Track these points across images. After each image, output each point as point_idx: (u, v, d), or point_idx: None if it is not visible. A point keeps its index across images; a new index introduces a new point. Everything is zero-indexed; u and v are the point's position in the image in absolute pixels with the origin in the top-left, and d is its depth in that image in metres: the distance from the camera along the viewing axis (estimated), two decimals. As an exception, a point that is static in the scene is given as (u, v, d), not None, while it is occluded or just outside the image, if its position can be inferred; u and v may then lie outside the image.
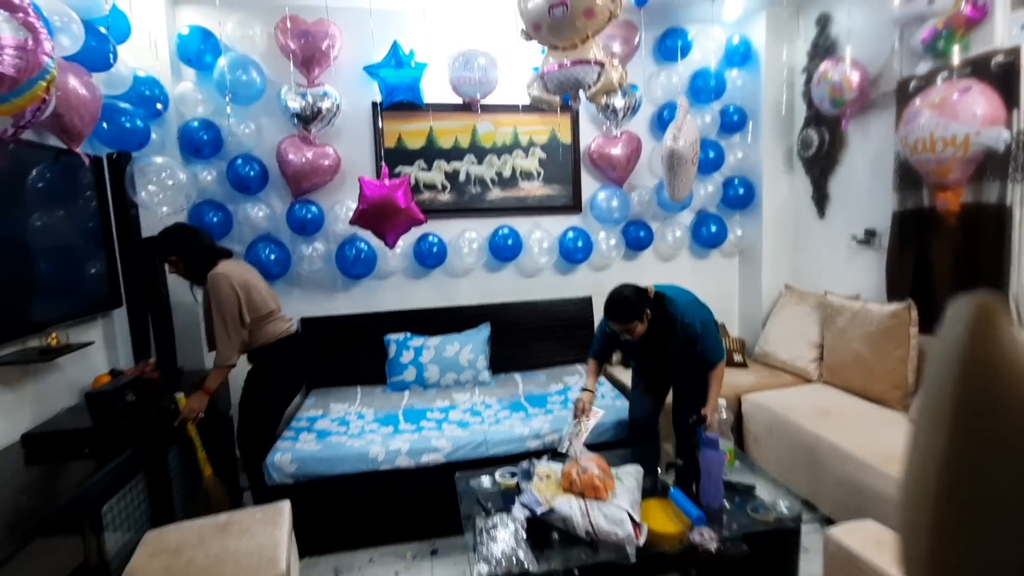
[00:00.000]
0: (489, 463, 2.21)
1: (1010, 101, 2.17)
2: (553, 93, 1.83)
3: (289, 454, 2.27)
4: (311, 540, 2.31)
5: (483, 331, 3.23)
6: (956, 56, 2.30)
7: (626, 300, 2.11)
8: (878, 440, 2.22)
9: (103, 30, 2.21)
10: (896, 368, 2.53)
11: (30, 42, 1.06)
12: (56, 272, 2.10)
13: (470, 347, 3.14)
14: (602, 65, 1.73)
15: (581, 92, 1.81)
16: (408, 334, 3.16)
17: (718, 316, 3.70)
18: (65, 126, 2.03)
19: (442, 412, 2.72)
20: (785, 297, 3.39)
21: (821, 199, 3.25)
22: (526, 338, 3.38)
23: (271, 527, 1.76)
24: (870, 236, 2.93)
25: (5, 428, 1.78)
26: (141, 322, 2.56)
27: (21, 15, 1.05)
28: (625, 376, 2.97)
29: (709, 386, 2.20)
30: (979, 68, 2.26)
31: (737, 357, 3.32)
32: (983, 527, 0.30)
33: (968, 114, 2.17)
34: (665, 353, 2.25)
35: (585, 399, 2.29)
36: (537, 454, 2.17)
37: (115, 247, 2.46)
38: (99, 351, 2.39)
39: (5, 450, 1.75)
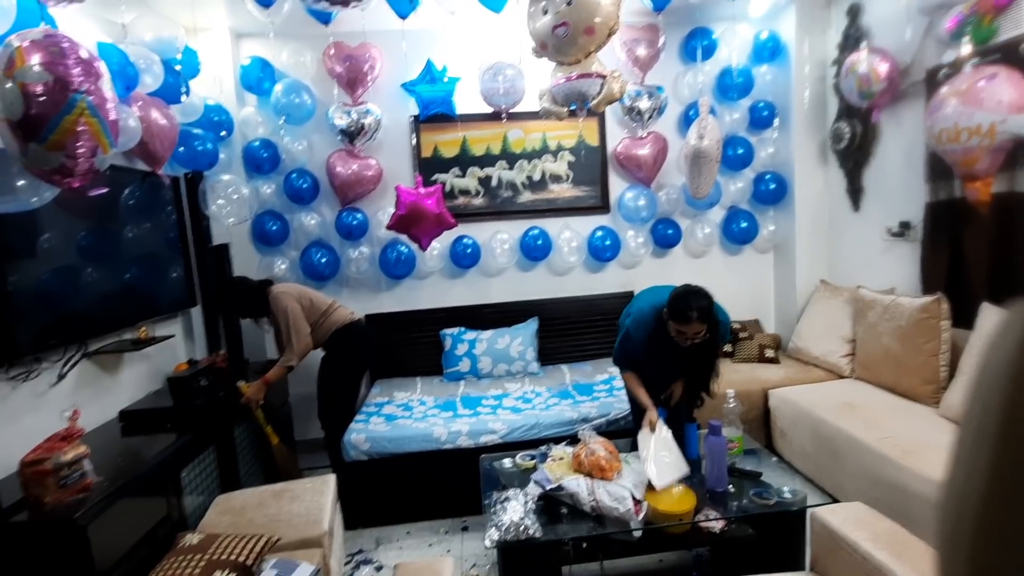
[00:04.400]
0: (540, 445, 2.34)
1: (1043, 86, 2.11)
2: (560, 104, 1.99)
3: (363, 434, 2.58)
4: (360, 515, 2.58)
5: (531, 325, 3.44)
6: (969, 44, 2.26)
7: (707, 297, 1.91)
8: (899, 434, 2.22)
9: (178, 68, 2.57)
10: (927, 362, 2.49)
11: (51, 84, 1.28)
12: (144, 275, 2.47)
13: (520, 340, 3.36)
14: (604, 77, 1.87)
15: (586, 102, 1.95)
16: (462, 328, 3.40)
17: (754, 312, 3.74)
18: (149, 152, 2.40)
19: (496, 399, 2.96)
20: (820, 292, 3.36)
21: (855, 192, 3.20)
22: (571, 331, 3.56)
23: (318, 495, 2.02)
24: (904, 228, 2.87)
25: (107, 406, 2.16)
26: (213, 319, 2.94)
27: (46, 62, 1.28)
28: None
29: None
30: (1008, 53, 2.20)
31: (769, 353, 3.33)
32: None
33: (993, 102, 2.13)
34: (695, 355, 2.05)
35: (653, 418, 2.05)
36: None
37: (191, 254, 2.83)
38: (179, 343, 2.78)
39: (108, 423, 2.13)
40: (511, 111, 3.27)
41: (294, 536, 1.76)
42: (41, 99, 1.28)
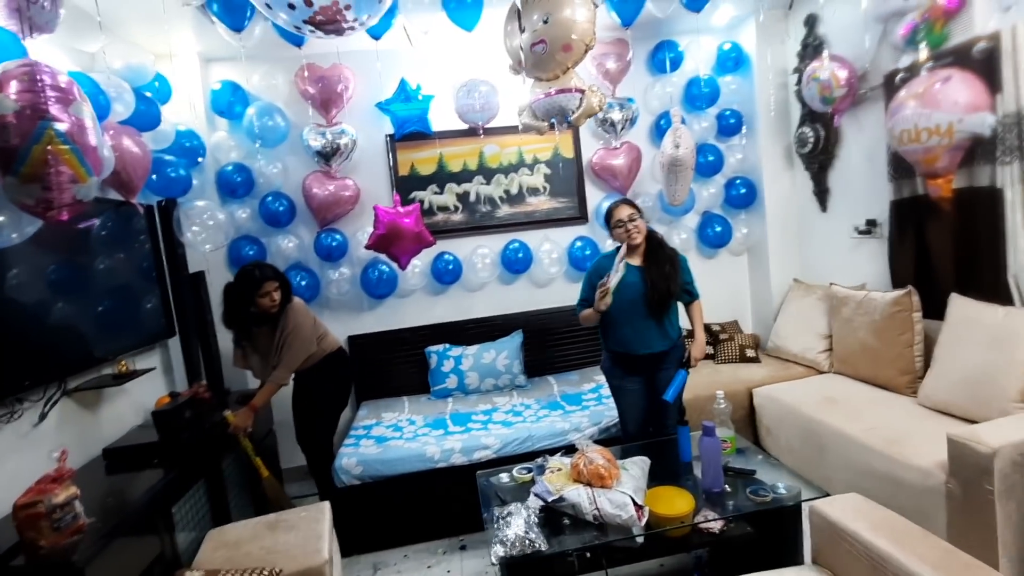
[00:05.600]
0: (534, 457, 2.32)
1: (993, 85, 2.23)
2: (541, 119, 2.02)
3: (355, 458, 2.53)
4: (355, 542, 2.52)
5: (516, 338, 3.44)
6: (926, 49, 2.40)
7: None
8: (882, 424, 2.30)
9: (149, 95, 2.52)
10: (902, 354, 2.59)
11: (27, 111, 1.24)
12: (121, 308, 2.40)
13: (505, 354, 3.36)
14: (583, 92, 1.91)
15: (566, 116, 2.00)
16: (447, 345, 3.39)
17: (732, 314, 3.83)
18: (122, 181, 2.34)
19: (485, 414, 2.95)
20: (794, 291, 3.47)
21: (822, 193, 3.33)
22: (556, 342, 3.58)
23: (314, 524, 1.98)
24: (871, 226, 3.00)
25: (90, 444, 2.08)
26: (192, 349, 2.86)
27: (17, 91, 1.25)
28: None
29: (694, 322, 2.40)
30: (961, 56, 2.34)
31: (750, 352, 3.41)
32: None
33: (950, 102, 2.25)
34: (658, 281, 2.26)
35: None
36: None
37: (167, 283, 2.75)
38: (158, 376, 2.69)
39: (92, 462, 2.05)
40: (487, 126, 3.30)
41: (295, 567, 1.72)
42: (12, 129, 1.23)
